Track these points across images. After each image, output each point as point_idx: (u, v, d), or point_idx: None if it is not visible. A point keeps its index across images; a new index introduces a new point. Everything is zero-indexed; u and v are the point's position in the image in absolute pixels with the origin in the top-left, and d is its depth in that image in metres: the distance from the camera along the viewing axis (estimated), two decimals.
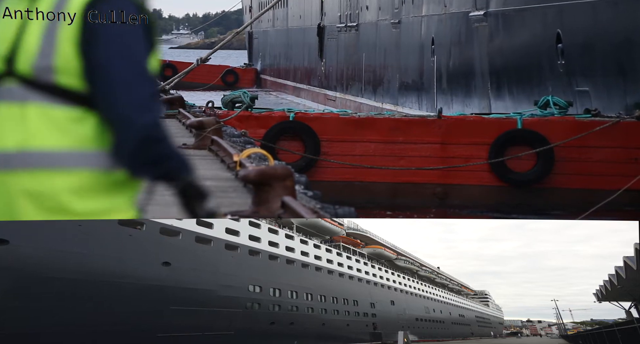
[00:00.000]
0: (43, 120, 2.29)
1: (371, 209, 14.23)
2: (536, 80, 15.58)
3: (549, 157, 13.21)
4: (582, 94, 14.05)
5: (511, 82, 16.74)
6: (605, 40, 13.45)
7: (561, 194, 13.19)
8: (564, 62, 14.58)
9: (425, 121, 14.05)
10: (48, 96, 2.29)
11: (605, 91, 13.60)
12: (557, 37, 14.75)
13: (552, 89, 14.68)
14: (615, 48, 13.24)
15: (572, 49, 14.39)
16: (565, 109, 13.32)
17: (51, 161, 2.28)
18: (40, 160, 2.28)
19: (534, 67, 15.69)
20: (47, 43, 2.30)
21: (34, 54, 2.30)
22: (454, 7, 19.72)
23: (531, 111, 13.63)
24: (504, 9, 17.10)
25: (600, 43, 13.60)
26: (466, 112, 15.78)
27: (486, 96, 17.84)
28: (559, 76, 14.73)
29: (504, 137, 13.43)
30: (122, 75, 2.27)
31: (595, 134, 12.80)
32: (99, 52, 2.28)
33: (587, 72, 14.02)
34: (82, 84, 2.29)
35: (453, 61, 19.77)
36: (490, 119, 13.86)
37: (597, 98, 13.74)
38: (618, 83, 13.25)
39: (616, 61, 13.29)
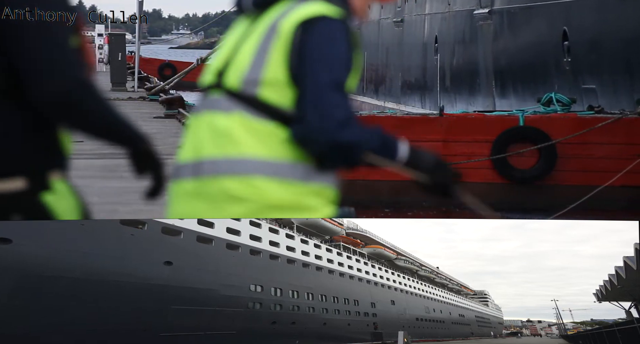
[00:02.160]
0: (245, 129, 2.47)
1: (374, 208, 14.24)
2: (542, 79, 15.58)
3: (552, 154, 13.21)
4: (589, 91, 14.06)
5: (516, 80, 16.74)
6: (612, 37, 13.45)
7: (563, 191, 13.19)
8: (570, 60, 14.58)
9: (428, 119, 14.07)
10: (250, 107, 2.48)
11: (612, 88, 13.61)
12: (563, 35, 14.75)
13: (558, 87, 14.68)
14: (622, 45, 13.24)
15: (578, 46, 14.40)
16: (568, 105, 13.32)
17: (252, 168, 2.46)
18: (242, 167, 2.46)
19: (539, 65, 15.69)
20: (259, 57, 2.50)
21: (245, 68, 2.51)
22: (457, 5, 19.73)
23: (534, 108, 13.63)
24: (509, 6, 17.10)
25: (607, 40, 13.60)
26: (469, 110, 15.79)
27: (490, 95, 17.85)
28: (565, 74, 14.74)
29: (506, 134, 13.44)
30: (326, 93, 2.45)
31: (597, 131, 12.79)
32: (306, 67, 2.46)
33: (594, 70, 14.02)
34: (283, 97, 2.48)
35: (457, 60, 19.77)
36: (492, 116, 13.87)
37: (603, 96, 13.74)
38: (625, 80, 13.25)
39: (623, 58, 13.29)
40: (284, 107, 2.47)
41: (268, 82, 2.46)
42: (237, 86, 2.50)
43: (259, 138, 2.46)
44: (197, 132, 2.55)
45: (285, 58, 2.46)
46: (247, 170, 2.44)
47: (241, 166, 2.45)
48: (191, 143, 2.56)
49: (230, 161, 2.46)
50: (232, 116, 2.48)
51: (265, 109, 2.46)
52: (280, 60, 2.47)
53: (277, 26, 2.49)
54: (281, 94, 2.47)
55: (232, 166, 2.46)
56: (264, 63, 2.48)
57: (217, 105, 2.52)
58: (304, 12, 2.48)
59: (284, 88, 2.47)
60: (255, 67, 2.48)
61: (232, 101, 2.49)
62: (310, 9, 2.48)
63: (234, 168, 2.45)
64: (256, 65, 2.48)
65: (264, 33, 2.51)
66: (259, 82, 2.47)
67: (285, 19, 2.50)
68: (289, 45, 2.46)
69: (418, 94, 22.54)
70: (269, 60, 2.48)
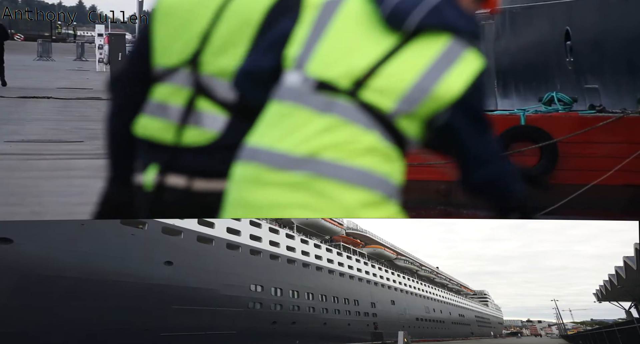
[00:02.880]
0: (375, 151, 2.39)
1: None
2: (544, 79, 15.55)
3: (553, 153, 13.19)
4: (591, 91, 14.04)
5: (518, 80, 16.72)
6: (615, 37, 13.42)
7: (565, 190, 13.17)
8: (573, 60, 14.56)
9: None
10: (385, 131, 2.39)
11: (615, 88, 13.58)
12: (565, 34, 14.74)
13: (561, 87, 14.66)
14: (625, 45, 13.21)
15: (581, 46, 14.37)
16: (570, 105, 13.30)
17: (344, 175, 2.38)
18: (335, 171, 2.37)
19: (541, 65, 15.66)
20: (419, 90, 2.38)
21: (399, 97, 2.38)
22: None
23: (535, 107, 13.61)
24: (511, 6, 17.08)
25: (610, 40, 13.58)
26: None
27: (492, 95, 17.83)
28: (568, 74, 14.72)
29: (507, 133, 13.41)
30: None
31: (599, 130, 12.76)
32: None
33: (597, 70, 14.00)
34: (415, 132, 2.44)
35: None
36: (493, 115, 13.85)
37: (606, 96, 13.72)
38: (628, 80, 13.23)
39: (626, 58, 13.27)
40: (412, 137, 2.44)
41: (415, 116, 2.40)
42: (384, 109, 2.37)
43: (382, 158, 2.40)
44: (314, 128, 2.39)
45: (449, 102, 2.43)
46: (357, 180, 2.39)
47: (354, 176, 2.37)
48: (298, 134, 2.41)
49: (344, 168, 2.37)
50: (371, 134, 2.38)
51: (397, 136, 2.40)
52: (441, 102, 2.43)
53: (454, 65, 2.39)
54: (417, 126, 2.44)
55: (344, 173, 2.37)
56: (421, 99, 2.40)
57: (352, 115, 2.38)
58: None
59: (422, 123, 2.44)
60: (410, 100, 2.39)
61: (372, 119, 2.38)
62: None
63: (345, 175, 2.37)
64: (412, 99, 2.39)
65: (432, 63, 2.37)
66: (408, 113, 2.38)
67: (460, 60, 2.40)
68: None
69: None
70: (428, 98, 2.40)
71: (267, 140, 2.42)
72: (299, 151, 2.38)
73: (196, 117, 2.61)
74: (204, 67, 2.61)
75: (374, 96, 2.37)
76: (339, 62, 2.41)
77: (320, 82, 2.41)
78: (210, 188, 2.56)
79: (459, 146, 2.49)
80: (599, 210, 11.77)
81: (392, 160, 2.42)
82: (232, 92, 2.58)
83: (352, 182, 2.38)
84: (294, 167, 2.37)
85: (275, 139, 2.41)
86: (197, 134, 2.60)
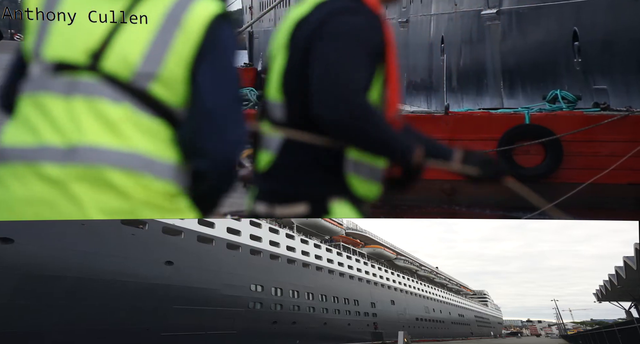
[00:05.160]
0: (133, 123, 2.32)
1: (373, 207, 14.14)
2: (551, 79, 15.51)
3: (557, 151, 13.14)
4: (600, 92, 13.98)
5: (525, 81, 16.66)
6: (624, 37, 13.38)
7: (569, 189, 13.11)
8: (581, 60, 14.51)
9: (433, 117, 13.98)
10: (139, 101, 2.32)
11: (624, 88, 13.53)
12: (573, 35, 14.69)
13: (569, 88, 14.61)
14: (633, 45, 13.17)
15: (589, 46, 14.32)
16: (574, 103, 13.25)
17: (142, 165, 2.32)
18: (131, 161, 2.31)
19: (549, 65, 15.61)
20: (156, 51, 2.32)
21: (137, 59, 2.31)
22: (464, 5, 19.65)
23: (539, 105, 13.55)
24: (517, 6, 17.02)
25: (618, 40, 13.53)
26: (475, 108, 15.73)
27: (499, 95, 17.77)
28: (576, 74, 14.67)
29: (512, 132, 13.35)
30: (224, 105, 2.36)
31: (603, 128, 12.71)
32: (206, 72, 2.34)
33: (605, 70, 13.95)
34: (175, 95, 2.34)
35: (464, 60, 19.70)
36: (497, 114, 13.79)
37: (615, 96, 13.67)
38: (637, 81, 13.19)
39: (635, 58, 13.22)
40: (174, 105, 2.34)
41: (163, 79, 2.32)
42: (127, 77, 2.30)
43: (146, 134, 2.31)
44: (65, 114, 2.30)
45: (188, 59, 2.33)
46: (136, 166, 2.30)
47: (130, 161, 2.29)
48: (50, 124, 2.31)
49: (118, 153, 2.29)
50: (120, 107, 2.30)
51: (155, 105, 2.32)
52: (182, 59, 2.32)
53: (181, 20, 2.32)
54: (173, 92, 2.33)
55: (120, 159, 2.29)
56: (162, 59, 2.31)
57: (97, 91, 2.30)
58: (210, 8, 2.35)
59: (177, 86, 2.33)
60: (150, 60, 2.31)
61: (119, 90, 2.30)
62: (214, 5, 2.35)
63: (122, 161, 2.28)
64: (152, 59, 2.31)
65: (161, 23, 2.33)
66: (153, 77, 2.31)
67: (189, 14, 2.33)
68: (196, 45, 2.33)
69: (424, 94, 22.47)
70: (169, 57, 2.32)
71: (17, 137, 2.31)
72: (53, 142, 2.29)
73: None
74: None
75: (115, 65, 2.31)
76: (73, 39, 2.34)
77: (58, 63, 2.33)
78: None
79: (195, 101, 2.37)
80: (604, 209, 11.72)
81: (157, 135, 2.33)
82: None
83: (128, 167, 2.30)
84: (56, 160, 2.28)
85: (23, 134, 2.31)
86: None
